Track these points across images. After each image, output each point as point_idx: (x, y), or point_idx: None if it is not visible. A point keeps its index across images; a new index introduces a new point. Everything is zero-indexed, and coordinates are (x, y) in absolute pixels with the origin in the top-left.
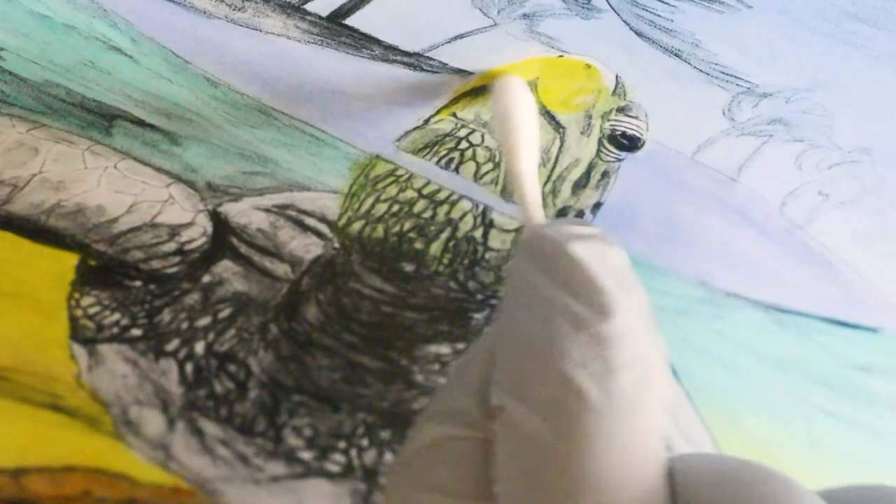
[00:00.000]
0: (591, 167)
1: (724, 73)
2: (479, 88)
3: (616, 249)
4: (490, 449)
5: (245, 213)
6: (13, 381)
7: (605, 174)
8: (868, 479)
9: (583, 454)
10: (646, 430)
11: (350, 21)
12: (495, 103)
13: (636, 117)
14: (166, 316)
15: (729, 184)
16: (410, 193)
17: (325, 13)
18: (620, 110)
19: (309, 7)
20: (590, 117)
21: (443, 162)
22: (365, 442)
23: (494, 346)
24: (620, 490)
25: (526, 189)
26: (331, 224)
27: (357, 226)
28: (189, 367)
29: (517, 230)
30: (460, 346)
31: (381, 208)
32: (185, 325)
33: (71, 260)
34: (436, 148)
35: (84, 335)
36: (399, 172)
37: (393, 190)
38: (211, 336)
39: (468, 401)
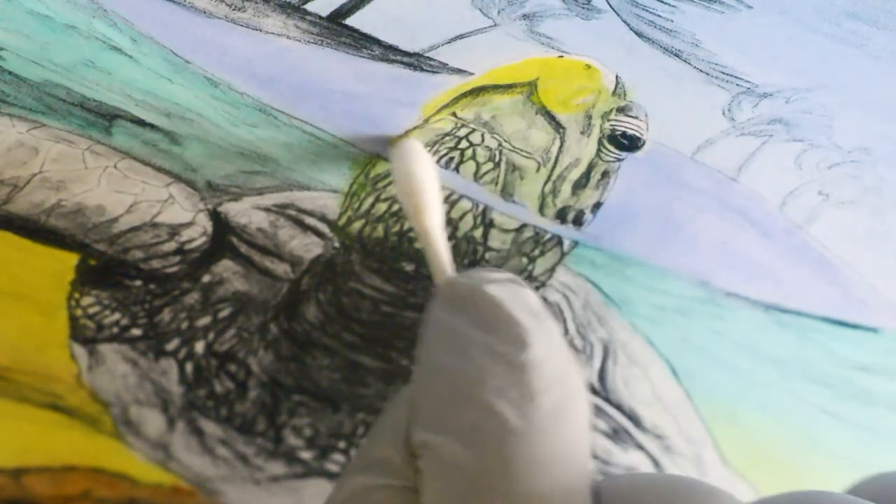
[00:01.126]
0: (591, 167)
1: (724, 73)
2: (479, 88)
3: (528, 290)
4: (413, 496)
5: (245, 213)
6: (13, 381)
7: (605, 174)
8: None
9: (506, 476)
10: (568, 451)
11: (350, 21)
12: (395, 168)
13: (636, 117)
14: (166, 315)
15: (729, 183)
16: None
17: (325, 13)
18: (620, 110)
19: (309, 7)
20: (590, 117)
21: (442, 161)
22: (365, 441)
23: (413, 393)
24: None
25: (435, 245)
26: (331, 223)
27: (357, 225)
28: (189, 367)
29: (517, 230)
30: None
31: (382, 208)
32: (185, 325)
33: (71, 260)
34: (436, 147)
35: (84, 335)
36: None
37: (393, 189)
38: (211, 336)
39: (389, 449)
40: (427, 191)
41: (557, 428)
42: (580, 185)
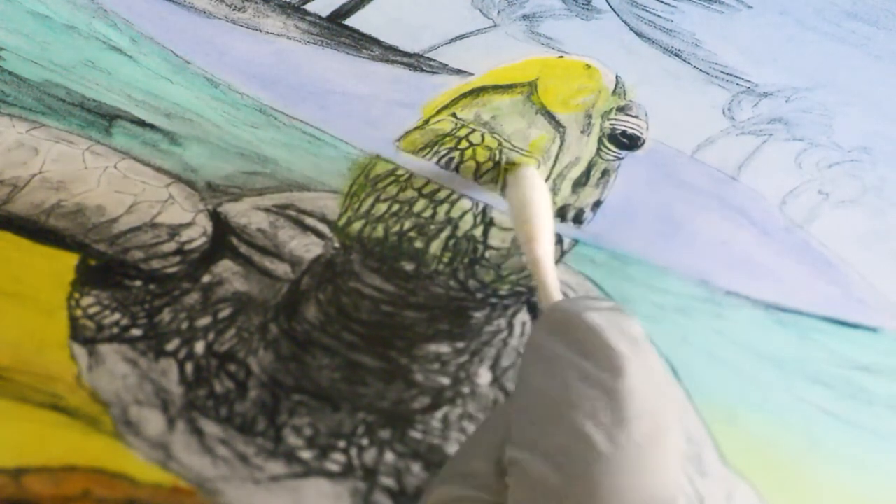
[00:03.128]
0: (591, 166)
1: (724, 72)
2: (479, 89)
3: (630, 318)
4: None
5: (245, 213)
6: (13, 381)
7: (605, 173)
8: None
9: (591, 498)
10: (654, 478)
11: (350, 21)
12: (511, 194)
13: (636, 116)
14: (166, 316)
15: (729, 182)
16: (410, 193)
17: (325, 13)
18: (620, 109)
19: (309, 7)
20: (590, 116)
21: (443, 161)
22: (365, 441)
23: (509, 410)
24: None
25: (544, 273)
26: (331, 224)
27: (357, 225)
28: (189, 367)
29: None
30: (460, 344)
31: (381, 208)
32: (185, 325)
33: (71, 260)
34: (436, 147)
35: (84, 335)
36: (399, 172)
37: (393, 189)
38: (211, 336)
39: (482, 463)
40: (541, 220)
41: (646, 457)
42: (580, 183)
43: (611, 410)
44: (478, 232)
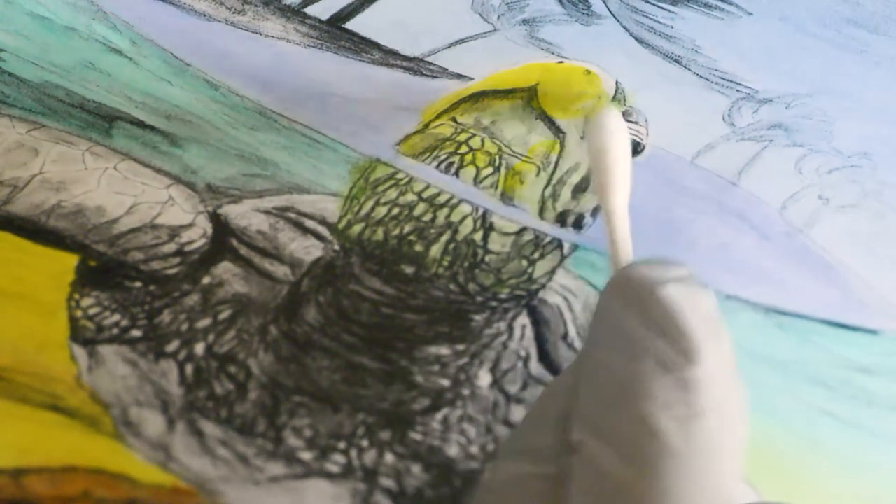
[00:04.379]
0: (590, 171)
1: (724, 78)
2: (479, 93)
3: (706, 293)
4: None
5: (245, 215)
6: (13, 381)
7: None
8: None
9: (657, 495)
10: (721, 477)
11: (350, 25)
12: (590, 139)
13: (636, 122)
14: (166, 317)
15: (729, 188)
16: (410, 197)
17: (324, 17)
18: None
19: (309, 11)
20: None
21: (443, 166)
22: (365, 442)
23: (576, 382)
24: None
25: (617, 226)
26: (331, 226)
27: (357, 228)
28: (189, 369)
29: (518, 233)
30: (460, 347)
31: (381, 211)
32: (185, 327)
33: (71, 260)
34: (436, 152)
35: (84, 336)
36: (399, 176)
37: (393, 193)
38: (211, 337)
39: (547, 437)
40: (619, 169)
41: (717, 455)
42: (580, 189)
43: (685, 403)
44: (478, 236)
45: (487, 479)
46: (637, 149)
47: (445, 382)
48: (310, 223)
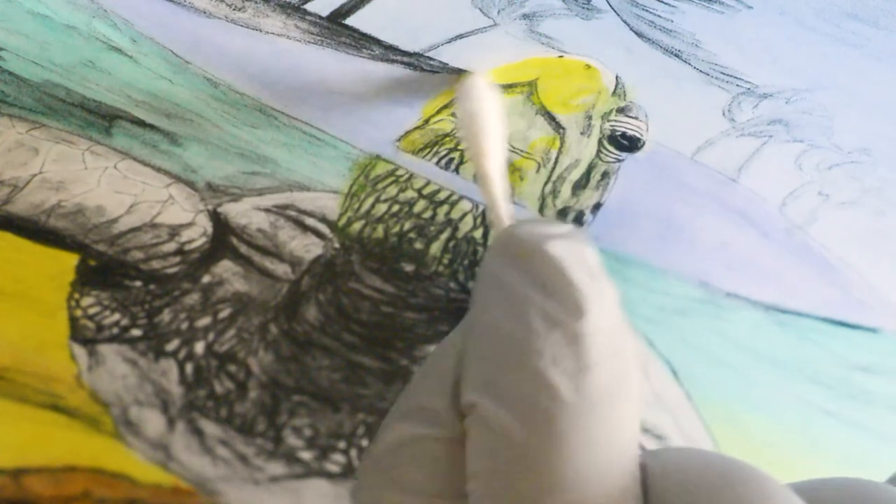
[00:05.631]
0: (590, 168)
1: (724, 73)
2: None
3: (589, 248)
4: (459, 448)
5: (245, 214)
6: (13, 381)
7: (605, 175)
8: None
9: (554, 451)
10: (619, 428)
11: (350, 21)
12: (460, 105)
13: (636, 118)
14: (166, 316)
15: (729, 184)
16: (410, 194)
17: (324, 13)
18: (620, 111)
19: (309, 7)
20: (590, 118)
21: (443, 162)
22: (365, 442)
23: (465, 343)
24: (592, 488)
25: (494, 190)
26: (331, 224)
27: (357, 226)
28: (189, 368)
29: None
30: None
31: (381, 208)
32: (185, 326)
33: (71, 260)
34: (436, 148)
35: (84, 335)
36: (399, 173)
37: (393, 190)
38: (211, 336)
39: (438, 399)
40: (490, 132)
41: (611, 404)
42: (580, 185)
43: (574, 356)
44: (478, 234)
45: (377, 442)
46: (637, 145)
47: None
48: (310, 221)
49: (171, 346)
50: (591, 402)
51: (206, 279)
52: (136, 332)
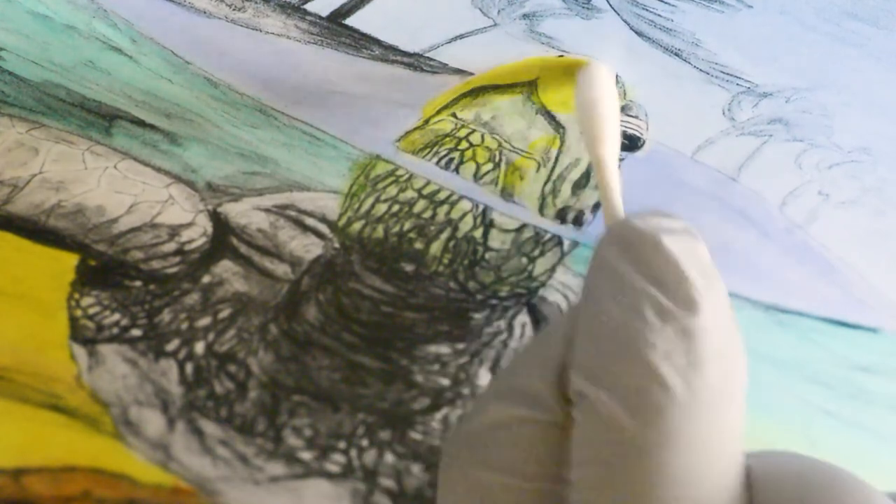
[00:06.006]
0: (591, 167)
1: (724, 72)
2: (479, 89)
3: (702, 244)
4: (559, 433)
5: (245, 214)
6: (13, 381)
7: None
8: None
9: (664, 446)
10: (727, 427)
11: (350, 21)
12: (580, 91)
13: (636, 117)
14: (166, 316)
15: (729, 183)
16: (410, 194)
17: (325, 13)
18: (621, 110)
19: (309, 7)
20: None
21: (443, 162)
22: (365, 442)
23: (574, 331)
24: (699, 485)
25: (609, 178)
26: (331, 224)
27: (357, 226)
28: (189, 368)
29: (517, 230)
30: (460, 345)
31: (381, 208)
32: (185, 326)
33: (71, 260)
34: (436, 148)
35: (84, 335)
36: (399, 173)
37: (393, 190)
38: (211, 336)
39: (541, 383)
40: (608, 121)
41: (719, 403)
42: (580, 185)
43: (686, 352)
44: (478, 234)
45: (472, 420)
46: (637, 144)
47: (445, 381)
48: (310, 221)
49: (171, 346)
50: (701, 400)
51: (206, 279)
52: (136, 332)
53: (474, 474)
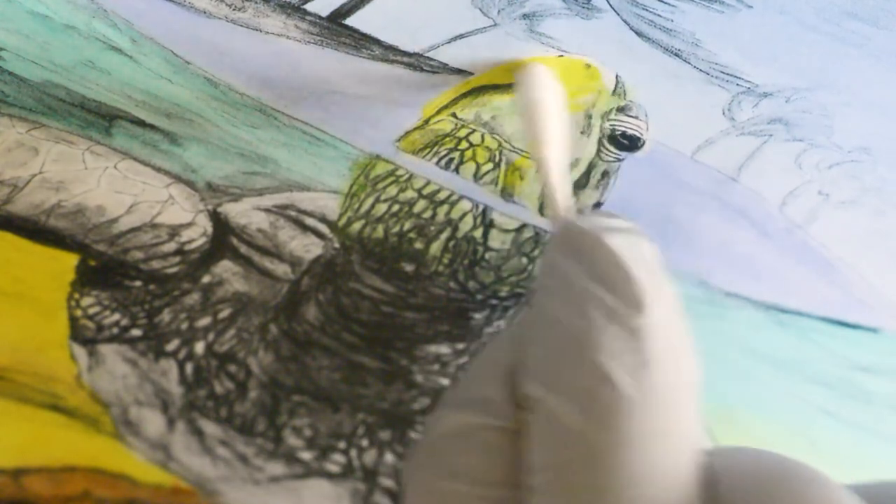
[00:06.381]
0: (591, 167)
1: (724, 72)
2: (479, 89)
3: (648, 242)
4: (514, 438)
5: (245, 214)
6: (13, 381)
7: (605, 174)
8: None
9: (617, 446)
10: (680, 424)
11: (350, 21)
12: (520, 93)
13: (636, 117)
14: (166, 316)
15: (729, 183)
16: (410, 193)
17: (325, 13)
18: (620, 110)
19: (309, 7)
20: (590, 117)
21: (443, 162)
22: (365, 442)
23: (523, 336)
24: (655, 484)
25: (552, 179)
26: (331, 224)
27: (357, 226)
28: (189, 368)
29: (517, 230)
30: (460, 346)
31: (381, 208)
32: (185, 326)
33: (71, 260)
34: (436, 148)
35: (84, 335)
36: (399, 173)
37: (393, 190)
38: (211, 336)
39: (495, 390)
40: (549, 121)
41: (671, 401)
42: (580, 185)
43: (634, 351)
44: (478, 234)
45: (430, 431)
46: (637, 144)
47: (445, 381)
48: (310, 221)
49: (171, 346)
50: (651, 398)
51: (206, 279)
52: (136, 332)
53: (435, 484)
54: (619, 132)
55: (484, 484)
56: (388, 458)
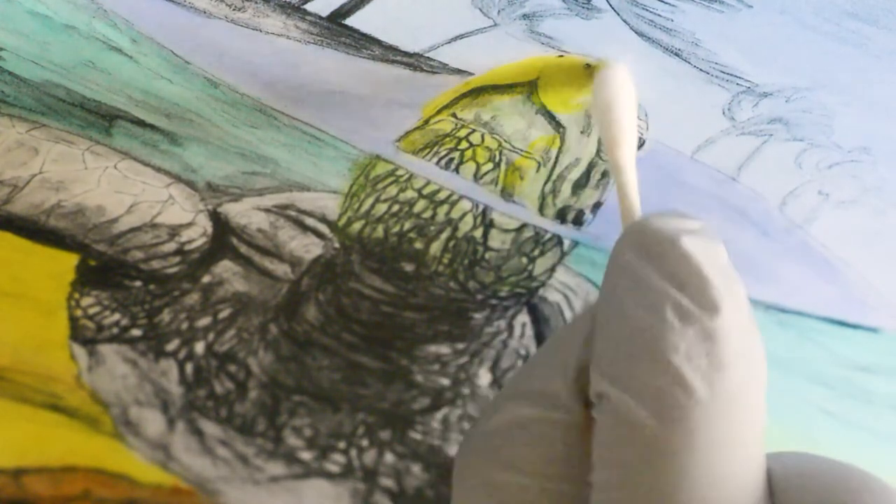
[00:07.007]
0: (591, 167)
1: (724, 72)
2: (479, 89)
3: (721, 245)
4: (577, 434)
5: (245, 214)
6: (13, 381)
7: (605, 174)
8: None
9: (686, 447)
10: (749, 428)
11: (350, 21)
12: (596, 93)
13: (636, 117)
14: (166, 316)
15: (729, 183)
16: (410, 193)
17: (325, 13)
18: None
19: (309, 7)
20: (590, 117)
21: (443, 162)
22: (365, 442)
23: (592, 331)
24: (722, 487)
25: (627, 180)
26: (331, 224)
27: (357, 226)
28: (189, 368)
29: (517, 230)
30: (460, 345)
31: (381, 208)
32: (185, 326)
33: (71, 260)
34: (436, 148)
35: (84, 335)
36: (399, 172)
37: (393, 190)
38: (211, 336)
39: (559, 384)
40: (626, 124)
41: (742, 404)
42: (580, 184)
43: (708, 354)
44: (478, 233)
45: (487, 421)
46: (637, 144)
47: (445, 381)
48: (310, 221)
49: (171, 346)
50: (724, 402)
51: (206, 279)
52: (136, 332)
53: (490, 475)
54: None
55: (542, 477)
56: (388, 457)
